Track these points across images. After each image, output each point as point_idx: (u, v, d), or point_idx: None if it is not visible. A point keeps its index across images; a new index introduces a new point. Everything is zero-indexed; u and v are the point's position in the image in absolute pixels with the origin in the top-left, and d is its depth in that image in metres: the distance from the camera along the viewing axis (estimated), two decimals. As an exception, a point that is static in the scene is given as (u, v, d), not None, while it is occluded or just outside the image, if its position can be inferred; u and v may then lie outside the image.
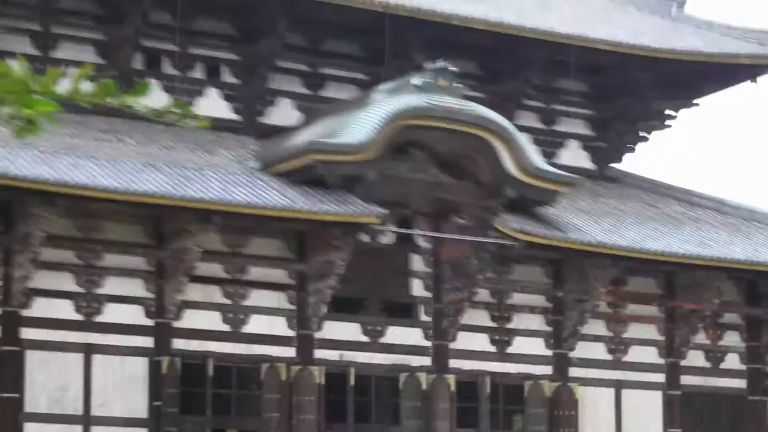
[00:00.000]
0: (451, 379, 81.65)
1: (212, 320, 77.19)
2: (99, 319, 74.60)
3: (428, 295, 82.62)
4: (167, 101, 4.55)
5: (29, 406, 72.33)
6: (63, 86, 4.45)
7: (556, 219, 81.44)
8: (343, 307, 79.75)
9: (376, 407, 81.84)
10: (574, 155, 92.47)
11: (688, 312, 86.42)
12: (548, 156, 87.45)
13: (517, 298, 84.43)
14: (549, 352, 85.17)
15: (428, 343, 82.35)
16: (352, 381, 79.58)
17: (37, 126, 4.33)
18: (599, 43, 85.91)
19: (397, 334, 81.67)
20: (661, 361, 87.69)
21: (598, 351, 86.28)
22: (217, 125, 77.51)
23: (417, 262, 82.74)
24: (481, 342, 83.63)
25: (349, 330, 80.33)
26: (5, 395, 71.45)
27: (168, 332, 75.90)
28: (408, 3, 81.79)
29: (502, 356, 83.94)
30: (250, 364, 77.65)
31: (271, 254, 79.12)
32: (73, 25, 79.91)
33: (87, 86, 4.40)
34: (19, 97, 4.03)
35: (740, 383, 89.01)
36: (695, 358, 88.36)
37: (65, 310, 73.96)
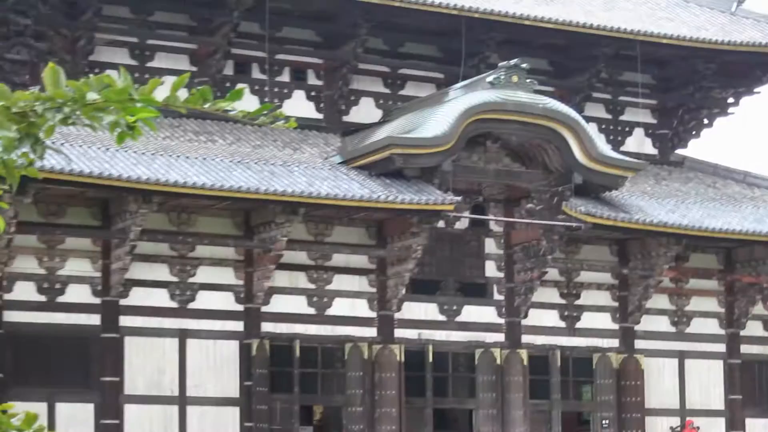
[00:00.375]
0: (523, 353, 76.26)
1: (298, 304, 72.49)
2: (192, 306, 70.44)
3: (501, 275, 77.23)
4: (257, 104, 4.01)
5: (129, 389, 67.97)
6: (161, 94, 3.66)
7: (621, 201, 76.07)
8: (420, 289, 74.68)
9: (453, 382, 76.68)
10: (639, 142, 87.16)
11: (747, 285, 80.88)
12: (615, 144, 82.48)
13: (585, 276, 79.01)
14: (615, 326, 79.43)
15: (501, 321, 76.86)
16: (430, 358, 74.59)
17: (137, 131, 3.59)
18: (663, 38, 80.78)
19: (472, 312, 76.25)
20: (722, 331, 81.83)
21: (662, 324, 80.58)
22: (303, 124, 74.38)
23: (490, 245, 77.27)
24: (551, 318, 78.20)
25: (426, 310, 75.08)
26: (107, 379, 67.37)
27: (257, 316, 71.29)
28: (482, 6, 76.37)
29: (572, 331, 78.41)
30: (334, 344, 73.23)
31: (352, 241, 73.97)
32: (168, 37, 75.69)
33: (183, 93, 3.69)
34: (121, 105, 3.39)
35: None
36: (754, 328, 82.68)
37: (161, 298, 69.72)
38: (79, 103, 3.51)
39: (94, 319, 67.45)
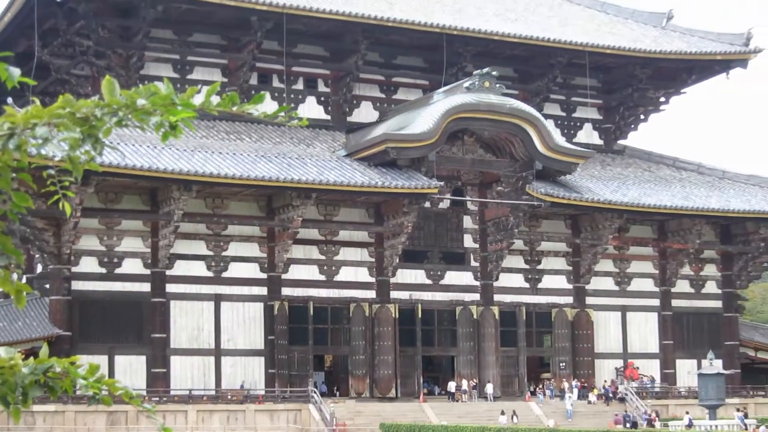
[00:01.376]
0: (495, 309, 76.60)
1: (311, 272, 72.90)
2: (225, 275, 70.81)
3: (476, 246, 77.61)
4: (276, 107, 3.81)
5: (174, 344, 68.61)
6: (197, 99, 3.67)
7: (574, 183, 76.39)
8: (411, 258, 74.90)
9: (438, 334, 77.36)
10: (588, 135, 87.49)
11: (676, 251, 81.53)
12: (568, 137, 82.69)
13: (545, 245, 79.52)
14: (570, 286, 79.90)
15: (477, 283, 77.18)
16: (419, 314, 74.94)
17: (178, 130, 3.58)
18: (607, 48, 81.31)
19: (452, 277, 76.64)
20: (656, 289, 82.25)
21: (608, 283, 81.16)
22: (314, 124, 75.13)
23: (467, 221, 77.63)
24: (517, 280, 78.52)
25: (416, 275, 75.38)
26: (156, 335, 67.95)
27: (278, 283, 71.41)
28: (459, 24, 76.55)
29: (534, 291, 78.94)
30: (341, 304, 73.51)
31: (355, 220, 74.15)
32: (204, 54, 75.79)
33: (215, 99, 3.73)
34: (165, 109, 3.47)
35: (717, 304, 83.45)
36: (682, 286, 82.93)
37: (199, 268, 70.11)
38: (131, 108, 3.55)
39: (145, 287, 67.83)
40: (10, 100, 55.41)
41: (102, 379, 3.92)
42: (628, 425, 66.69)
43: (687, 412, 67.90)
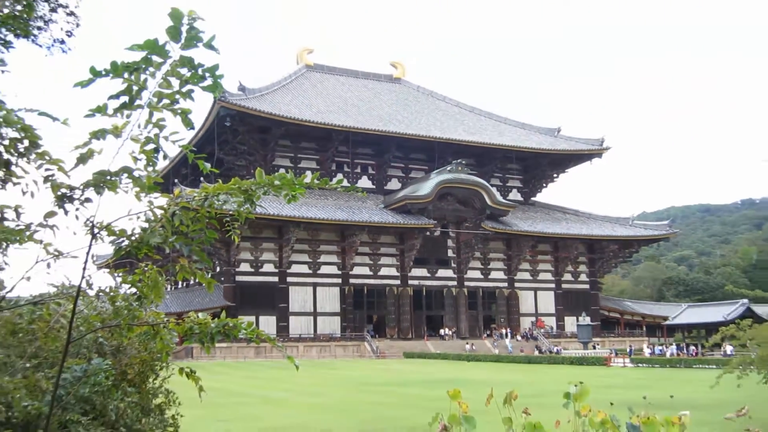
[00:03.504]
0: (465, 290, 75.52)
1: (365, 270, 71.58)
2: (318, 272, 69.75)
3: (454, 255, 76.28)
4: (346, 183, 3.81)
5: (291, 309, 67.76)
6: (305, 180, 3.67)
7: (507, 221, 74.44)
8: (419, 262, 73.23)
9: (434, 303, 74.85)
10: (515, 195, 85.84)
11: (563, 257, 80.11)
12: (504, 196, 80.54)
13: (492, 255, 77.77)
14: (505, 277, 78.35)
15: (455, 275, 75.82)
16: (424, 293, 73.67)
17: (296, 198, 3.65)
18: (524, 148, 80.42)
19: (441, 272, 75.39)
20: (553, 278, 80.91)
21: (526, 275, 79.37)
22: (366, 191, 72.47)
23: (449, 242, 76.20)
24: (477, 273, 76.96)
25: (422, 271, 73.88)
26: (281, 305, 67.22)
27: (347, 276, 70.48)
28: (445, 136, 75.99)
29: (486, 279, 77.49)
30: (381, 288, 72.04)
31: (389, 242, 72.57)
32: (307, 153, 74.92)
33: (314, 180, 3.68)
34: (289, 186, 3.55)
35: (586, 286, 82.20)
36: (567, 276, 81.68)
37: (304, 269, 69.06)
38: (271, 185, 3.59)
39: (275, 279, 67.12)
40: (178, 183, 55.99)
41: (253, 329, 3.92)
42: (542, 353, 66.46)
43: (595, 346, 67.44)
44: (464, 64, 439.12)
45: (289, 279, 67.75)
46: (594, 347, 64.85)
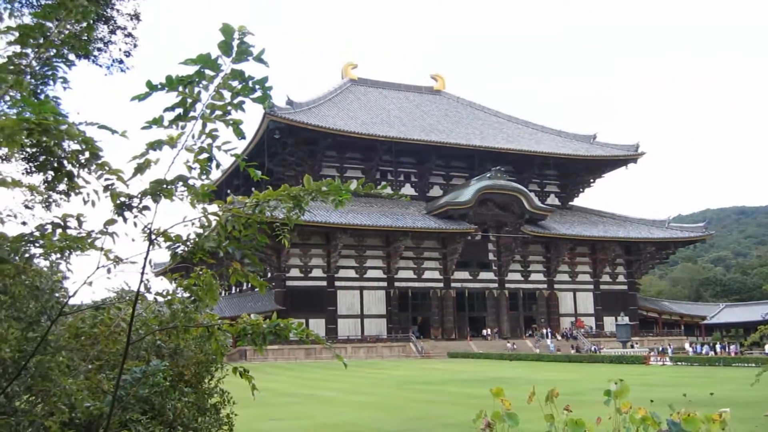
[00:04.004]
0: (506, 292, 75.05)
1: (409, 273, 71.46)
2: (365, 276, 69.74)
3: (495, 258, 75.79)
4: (390, 191, 1.93)
5: (339, 312, 67.89)
6: (351, 187, 3.73)
7: (546, 225, 74.09)
8: (461, 266, 72.78)
9: (476, 305, 74.60)
10: (552, 200, 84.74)
11: (601, 259, 79.27)
12: (542, 200, 79.83)
13: (531, 258, 77.08)
14: (545, 278, 77.79)
15: (496, 278, 75.36)
16: (466, 295, 73.47)
17: (342, 204, 3.63)
18: (562, 155, 80.00)
19: (483, 275, 75.00)
20: (591, 279, 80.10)
21: (565, 277, 78.75)
22: (411, 197, 71.19)
23: (490, 246, 75.65)
24: (517, 276, 76.45)
25: (464, 274, 73.51)
26: (330, 308, 67.49)
27: (392, 279, 70.43)
28: (485, 144, 76.19)
29: (527, 281, 76.99)
30: (425, 290, 71.95)
31: (432, 246, 72.33)
32: (351, 162, 75.02)
33: (359, 186, 3.82)
34: (336, 193, 3.58)
35: (624, 287, 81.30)
36: (605, 278, 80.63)
37: (351, 273, 69.16)
38: (318, 192, 3.61)
39: (324, 283, 67.26)
40: (230, 192, 56.49)
41: (303, 329, 3.92)
42: (579, 352, 65.70)
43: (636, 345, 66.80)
44: (500, 71, 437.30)
45: (337, 283, 67.83)
46: (632, 346, 63.93)
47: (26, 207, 5.36)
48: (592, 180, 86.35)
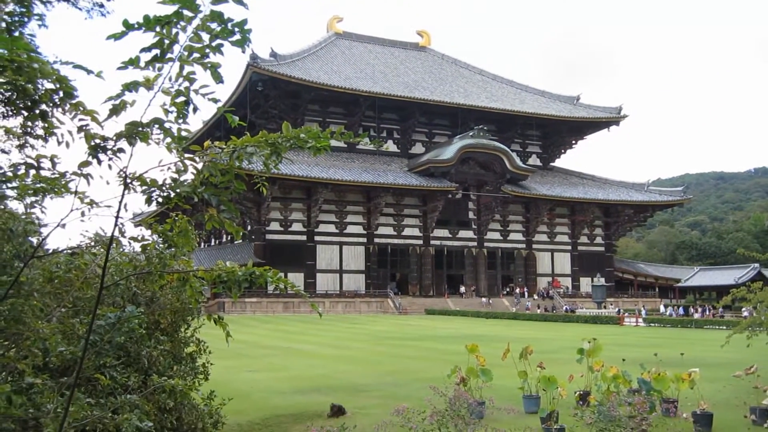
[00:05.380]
0: (484, 251, 75.30)
1: (389, 230, 71.28)
2: (345, 231, 69.50)
3: (475, 217, 75.73)
4: (373, 147, 2.25)
5: (318, 267, 67.68)
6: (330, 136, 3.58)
7: (527, 185, 74.00)
8: (440, 223, 72.78)
9: (455, 263, 74.73)
10: (534, 160, 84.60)
11: (580, 221, 79.44)
12: (523, 160, 79.30)
13: (511, 217, 77.15)
14: (524, 238, 77.84)
15: (475, 236, 75.37)
16: (445, 253, 73.51)
17: (322, 151, 3.53)
18: (545, 115, 79.40)
19: (462, 233, 74.98)
20: (569, 240, 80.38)
21: (543, 237, 78.87)
22: (391, 154, 73.70)
23: (470, 205, 75.49)
24: (496, 235, 76.44)
25: (444, 232, 73.47)
26: (309, 263, 67.12)
27: (372, 235, 70.25)
28: (468, 102, 75.28)
29: (506, 240, 77.00)
30: (404, 247, 71.91)
31: (412, 204, 72.10)
32: (334, 117, 74.10)
33: (339, 133, 3.61)
34: (315, 139, 3.43)
35: (601, 249, 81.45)
36: (583, 239, 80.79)
37: (331, 228, 68.79)
38: (297, 138, 3.53)
39: (303, 237, 66.94)
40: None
41: (280, 278, 3.89)
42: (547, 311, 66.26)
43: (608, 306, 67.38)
44: (484, 30, 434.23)
45: (317, 238, 67.70)
46: (605, 307, 64.54)
47: (1, 151, 5.26)
48: (574, 141, 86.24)
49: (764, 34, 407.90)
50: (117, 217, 3.31)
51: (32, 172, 3.40)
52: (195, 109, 3.26)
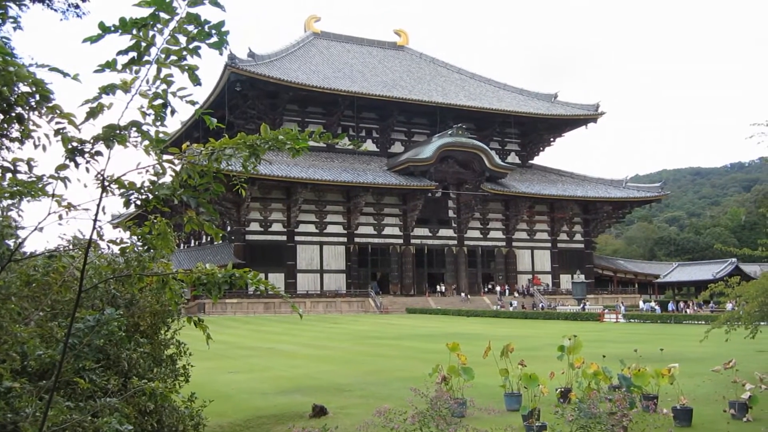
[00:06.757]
0: (465, 249, 75.54)
1: (369, 229, 71.33)
2: (325, 231, 69.39)
3: (455, 216, 75.92)
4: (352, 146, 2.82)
5: (298, 267, 67.58)
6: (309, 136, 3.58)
7: (506, 183, 74.26)
8: (421, 222, 72.97)
9: (435, 261, 74.83)
10: (513, 158, 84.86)
11: (559, 218, 79.81)
12: (502, 158, 79.66)
13: (491, 215, 77.37)
14: (504, 236, 77.90)
15: (455, 235, 75.58)
16: (425, 251, 73.65)
17: (300, 153, 3.51)
18: (523, 113, 79.63)
19: (443, 232, 75.14)
20: (549, 237, 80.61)
21: (523, 235, 79.07)
22: (371, 154, 73.59)
23: (450, 203, 75.64)
24: (477, 233, 76.71)
25: (424, 231, 73.65)
26: (289, 263, 66.96)
27: (352, 235, 70.20)
28: (447, 101, 75.35)
29: (485, 238, 77.24)
30: (384, 246, 72.02)
31: (392, 203, 72.16)
32: (313, 117, 74.11)
33: (317, 135, 3.58)
34: (293, 141, 3.44)
35: (581, 245, 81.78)
36: (563, 236, 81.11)
37: (311, 228, 68.66)
38: (275, 140, 3.53)
39: (284, 237, 66.78)
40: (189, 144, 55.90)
41: (260, 279, 3.88)
42: (539, 308, 66.50)
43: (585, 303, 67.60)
44: (463, 28, 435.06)
45: (297, 238, 67.55)
46: (585, 305, 64.77)
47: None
48: (552, 139, 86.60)
49: (738, 31, 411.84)
50: (95, 220, 3.30)
51: (8, 175, 3.39)
52: (173, 112, 3.25)
